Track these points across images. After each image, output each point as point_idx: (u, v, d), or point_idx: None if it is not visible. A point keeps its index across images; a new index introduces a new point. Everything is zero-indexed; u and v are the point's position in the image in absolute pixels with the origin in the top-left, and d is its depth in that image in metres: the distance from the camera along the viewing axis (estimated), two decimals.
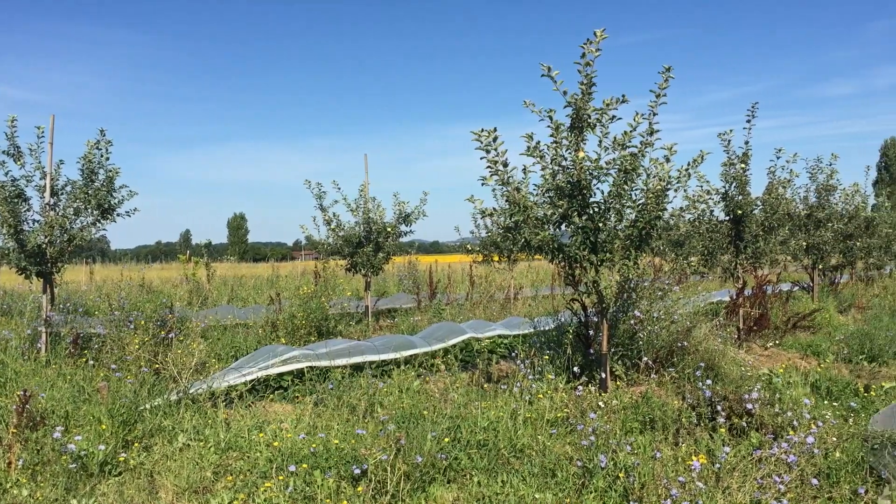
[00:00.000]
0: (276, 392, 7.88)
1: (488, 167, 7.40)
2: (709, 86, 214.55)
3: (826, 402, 7.57)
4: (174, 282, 20.20)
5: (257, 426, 6.38)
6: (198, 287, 17.68)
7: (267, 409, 7.28)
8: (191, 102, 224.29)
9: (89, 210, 9.82)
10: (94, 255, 28.21)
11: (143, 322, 9.54)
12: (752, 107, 10.94)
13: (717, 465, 5.12)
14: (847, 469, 5.35)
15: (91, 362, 8.47)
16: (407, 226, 13.80)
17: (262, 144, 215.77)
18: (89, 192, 9.73)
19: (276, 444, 5.69)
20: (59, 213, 9.64)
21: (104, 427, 5.93)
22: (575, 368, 7.88)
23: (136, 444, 5.89)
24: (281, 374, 8.04)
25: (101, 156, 9.89)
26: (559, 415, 6.70)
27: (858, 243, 18.78)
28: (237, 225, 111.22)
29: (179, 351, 8.48)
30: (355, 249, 13.43)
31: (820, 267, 17.89)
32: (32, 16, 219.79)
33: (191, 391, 7.08)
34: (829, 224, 16.91)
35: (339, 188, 13.65)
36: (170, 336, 9.20)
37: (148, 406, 6.58)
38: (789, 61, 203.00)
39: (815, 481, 5.06)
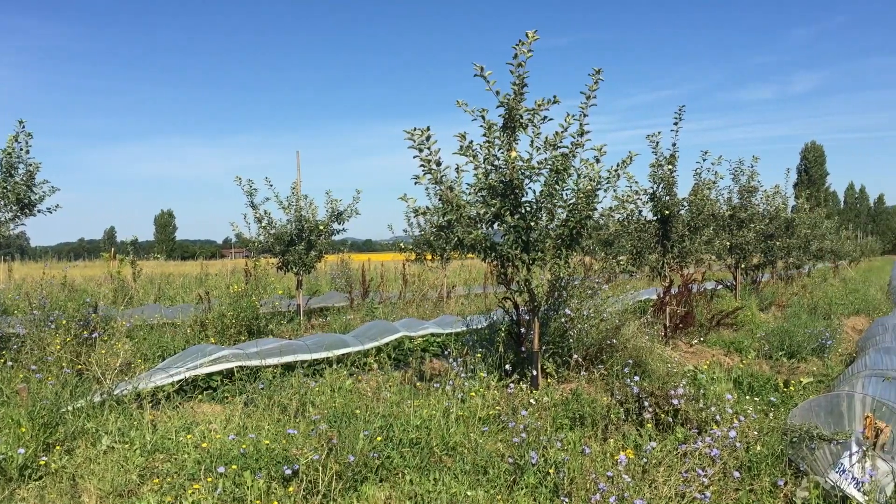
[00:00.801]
0: (204, 392, 7.73)
1: (421, 166, 7.40)
2: (637, 88, 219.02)
3: (748, 397, 7.82)
4: (98, 280, 19.65)
5: (185, 427, 6.25)
6: (123, 286, 17.20)
7: (195, 410, 7.14)
8: (116, 95, 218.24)
9: (8, 206, 9.46)
10: (12, 253, 27.24)
11: (65, 322, 9.24)
12: (680, 110, 11.21)
13: (644, 460, 5.23)
14: (767, 462, 5.53)
15: (9, 363, 8.16)
16: (340, 224, 13.71)
17: (191, 140, 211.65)
18: (8, 186, 9.38)
19: (204, 445, 5.58)
20: None
21: (24, 430, 5.72)
22: (507, 366, 7.95)
23: (57, 448, 5.70)
24: (210, 375, 7.90)
25: (21, 149, 9.54)
26: (491, 412, 6.76)
27: (779, 243, 19.45)
28: (165, 222, 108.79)
29: (104, 351, 8.25)
30: (287, 247, 13.27)
31: (742, 266, 18.46)
32: None
33: (115, 392, 6.90)
34: (752, 224, 17.46)
35: (272, 185, 13.48)
36: (93, 336, 8.94)
37: (70, 408, 6.38)
38: (712, 66, 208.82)
39: (737, 474, 5.22)
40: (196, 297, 14.90)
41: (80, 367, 7.86)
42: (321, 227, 13.34)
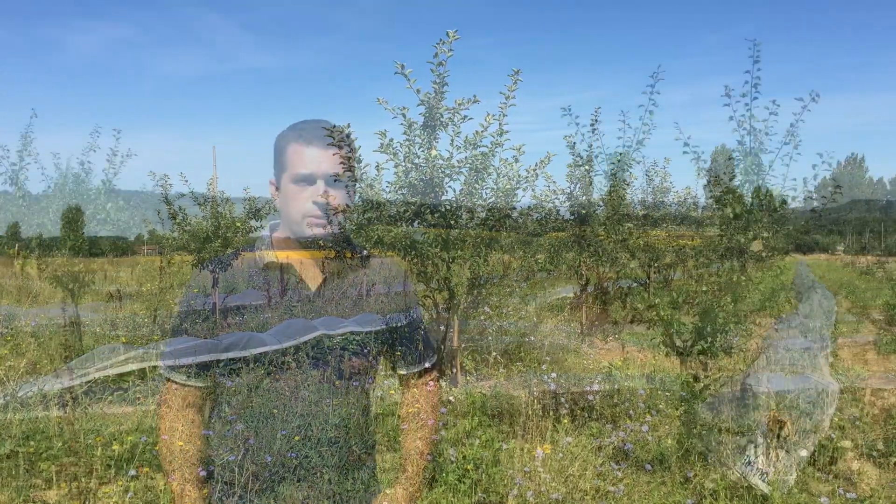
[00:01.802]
0: (115, 394, 7.49)
1: (341, 163, 7.34)
2: (556, 89, 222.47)
3: (660, 392, 8.04)
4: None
5: (94, 430, 6.05)
6: (28, 284, 16.52)
7: (105, 412, 6.92)
8: (17, 85, 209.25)
9: None
10: None
11: None
12: (596, 111, 11.45)
13: (560, 455, 5.33)
14: (678, 455, 5.70)
15: None
16: (258, 221, 13.49)
17: (101, 132, 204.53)
18: None
19: (115, 447, 5.41)
20: None
21: None
22: (426, 364, 7.96)
23: None
24: (121, 375, 7.66)
25: None
26: (410, 410, 6.75)
27: (690, 242, 20.04)
28: (73, 218, 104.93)
29: (7, 352, 7.91)
30: (203, 245, 12.96)
31: (656, 265, 18.95)
32: None
33: (20, 395, 6.62)
34: (664, 224, 17.94)
35: (187, 181, 13.14)
36: None
37: None
38: (628, 69, 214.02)
39: (648, 467, 5.37)
40: (107, 295, 14.45)
41: None
42: (238, 224, 13.10)
